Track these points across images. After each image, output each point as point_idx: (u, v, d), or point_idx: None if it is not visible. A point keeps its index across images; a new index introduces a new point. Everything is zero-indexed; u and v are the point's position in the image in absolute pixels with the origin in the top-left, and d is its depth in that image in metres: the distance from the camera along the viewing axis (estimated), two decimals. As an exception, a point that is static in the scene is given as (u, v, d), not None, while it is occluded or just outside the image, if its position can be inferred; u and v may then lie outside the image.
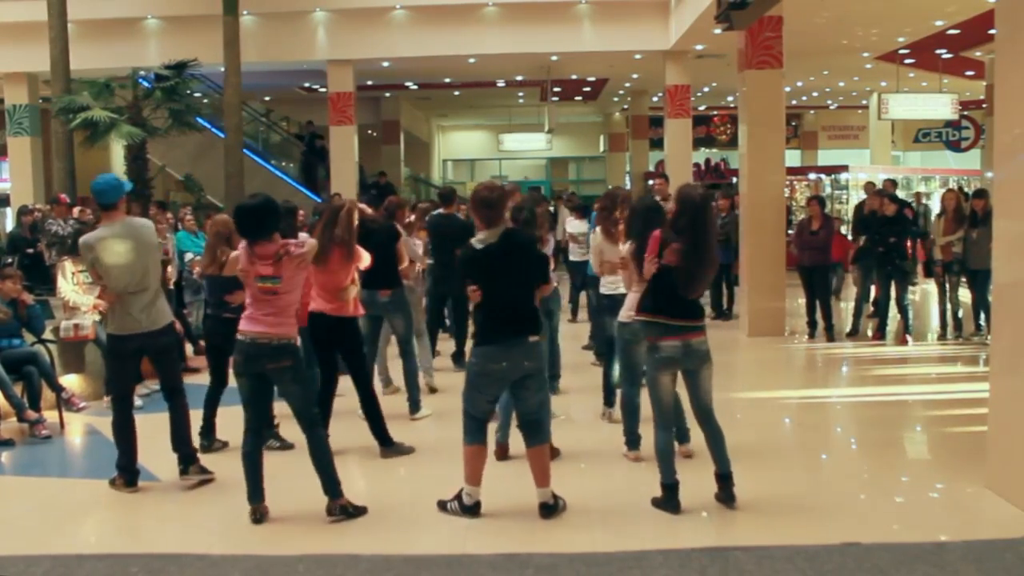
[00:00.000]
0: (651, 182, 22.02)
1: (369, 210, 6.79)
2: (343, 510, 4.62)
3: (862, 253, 10.04)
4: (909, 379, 8.26)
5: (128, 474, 5.11)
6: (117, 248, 5.01)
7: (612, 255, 5.91)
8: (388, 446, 5.74)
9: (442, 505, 4.69)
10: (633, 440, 5.56)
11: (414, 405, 6.67)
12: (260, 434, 4.78)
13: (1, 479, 5.68)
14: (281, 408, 6.02)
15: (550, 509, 4.60)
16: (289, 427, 5.46)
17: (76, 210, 11.81)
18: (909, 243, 10.49)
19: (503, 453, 5.48)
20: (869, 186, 12.54)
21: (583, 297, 10.72)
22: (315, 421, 4.75)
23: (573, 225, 10.36)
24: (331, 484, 4.64)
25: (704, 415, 4.74)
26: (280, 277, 4.60)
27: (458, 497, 4.65)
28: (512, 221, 5.61)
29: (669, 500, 4.64)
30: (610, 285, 6.10)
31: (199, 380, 8.17)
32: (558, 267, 10.80)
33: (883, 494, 4.96)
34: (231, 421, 6.08)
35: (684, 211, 4.60)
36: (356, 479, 5.29)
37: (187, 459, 5.24)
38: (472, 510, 4.61)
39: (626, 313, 5.42)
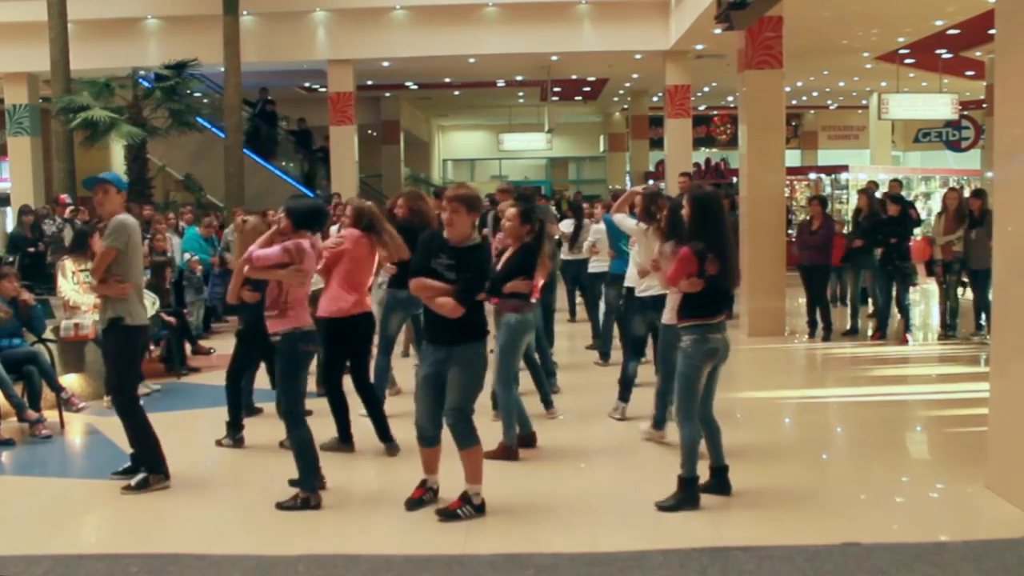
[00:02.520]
0: (651, 181, 22.11)
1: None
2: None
3: (852, 252, 10.00)
4: (909, 379, 8.26)
5: (164, 468, 5.10)
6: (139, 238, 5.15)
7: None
8: (390, 442, 5.74)
9: (450, 515, 4.53)
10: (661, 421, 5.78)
11: None
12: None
13: (1, 479, 5.68)
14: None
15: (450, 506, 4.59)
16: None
17: (68, 210, 11.84)
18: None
19: (517, 448, 5.50)
20: (894, 184, 12.38)
21: (580, 296, 10.73)
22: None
23: (565, 224, 10.36)
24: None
25: (709, 409, 4.83)
26: None
27: (467, 500, 4.57)
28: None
29: (691, 495, 4.64)
30: (644, 286, 6.14)
31: (199, 380, 8.21)
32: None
33: (883, 494, 4.96)
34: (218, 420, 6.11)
35: (704, 212, 4.67)
36: (357, 478, 5.28)
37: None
38: (482, 509, 4.60)
39: (669, 315, 5.39)
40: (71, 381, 7.26)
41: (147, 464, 5.09)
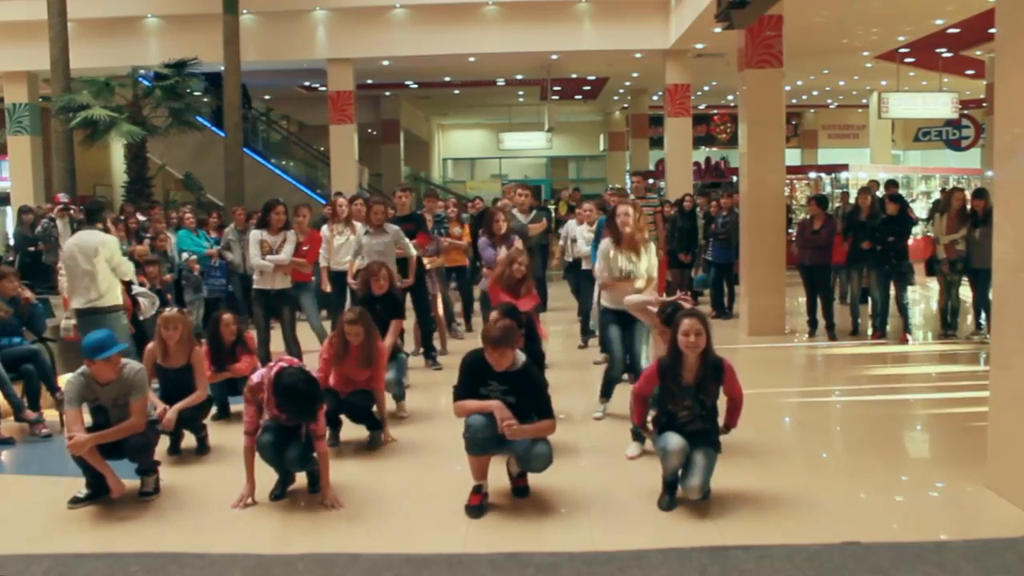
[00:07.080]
0: (650, 181, 22.09)
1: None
2: None
3: (857, 252, 9.98)
4: (909, 378, 8.26)
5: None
6: None
7: None
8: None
9: (526, 490, 4.86)
10: None
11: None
12: None
13: (1, 478, 5.68)
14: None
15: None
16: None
17: (57, 209, 11.82)
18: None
19: None
20: (891, 186, 12.35)
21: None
22: None
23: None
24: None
25: None
26: None
27: None
28: None
29: None
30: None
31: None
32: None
33: (883, 493, 4.95)
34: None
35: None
36: (356, 478, 5.28)
37: None
38: None
39: None
40: (71, 380, 7.25)
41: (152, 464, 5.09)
